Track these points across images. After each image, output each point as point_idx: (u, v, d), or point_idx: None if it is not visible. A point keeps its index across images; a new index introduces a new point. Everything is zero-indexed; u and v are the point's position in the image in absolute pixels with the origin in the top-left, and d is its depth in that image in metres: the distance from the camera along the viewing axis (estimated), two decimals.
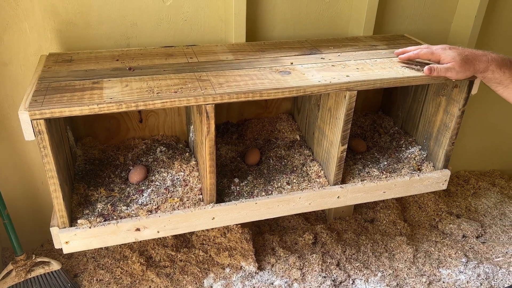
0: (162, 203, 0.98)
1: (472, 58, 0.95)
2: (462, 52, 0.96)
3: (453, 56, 0.95)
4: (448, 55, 0.96)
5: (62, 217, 0.88)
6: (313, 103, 1.14)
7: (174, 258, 1.31)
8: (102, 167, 1.10)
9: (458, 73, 0.95)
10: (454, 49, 0.97)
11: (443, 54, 0.97)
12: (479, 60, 0.95)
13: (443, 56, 0.97)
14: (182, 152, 1.15)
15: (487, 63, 0.95)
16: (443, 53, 0.97)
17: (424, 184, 1.15)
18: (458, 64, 0.94)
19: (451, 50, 0.97)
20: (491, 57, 0.96)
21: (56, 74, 0.92)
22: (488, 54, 0.97)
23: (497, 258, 1.42)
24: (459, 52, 0.96)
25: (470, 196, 1.71)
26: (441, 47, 0.99)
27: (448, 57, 0.96)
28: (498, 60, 0.96)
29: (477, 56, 0.96)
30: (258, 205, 1.02)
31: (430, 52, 0.99)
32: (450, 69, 0.95)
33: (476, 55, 0.96)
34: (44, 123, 0.77)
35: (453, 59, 0.95)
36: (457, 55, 0.95)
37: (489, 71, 0.96)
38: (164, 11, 1.13)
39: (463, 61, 0.95)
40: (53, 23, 1.06)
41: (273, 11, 1.22)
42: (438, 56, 0.98)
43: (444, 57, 0.97)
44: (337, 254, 1.39)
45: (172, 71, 0.95)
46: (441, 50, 0.98)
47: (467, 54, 0.96)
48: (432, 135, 1.17)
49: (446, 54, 0.97)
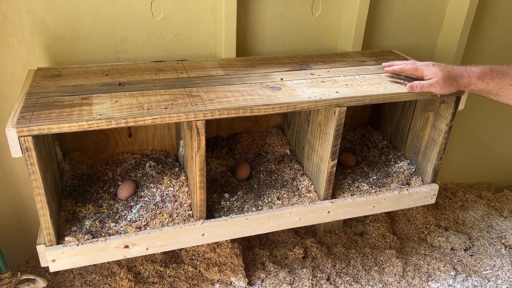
0: (151, 219, 0.97)
1: (454, 74, 0.99)
2: (444, 68, 0.99)
3: (435, 72, 0.99)
4: (430, 71, 0.99)
5: (49, 235, 0.87)
6: (303, 118, 1.15)
7: (163, 274, 1.29)
8: (91, 183, 1.08)
9: (442, 88, 0.98)
10: (437, 66, 1.00)
11: (426, 70, 1.00)
12: (461, 76, 0.98)
13: (426, 72, 1.00)
14: (172, 167, 1.14)
15: (468, 77, 0.98)
16: (426, 69, 1.00)
17: (413, 199, 1.16)
18: (441, 80, 0.97)
19: (434, 67, 1.00)
20: (471, 72, 0.99)
21: (45, 89, 0.91)
22: (469, 69, 1.00)
23: (485, 271, 1.43)
24: (442, 68, 0.99)
25: (458, 209, 1.73)
26: (425, 64, 1.02)
27: (430, 73, 0.99)
28: (478, 73, 0.98)
29: (459, 72, 0.99)
30: (248, 220, 1.01)
31: (414, 68, 1.02)
32: (433, 84, 0.97)
33: (458, 71, 0.99)
34: (31, 140, 0.76)
35: (435, 74, 0.98)
36: (439, 71, 0.98)
37: (472, 84, 0.99)
38: (154, 25, 1.13)
39: (445, 77, 0.97)
40: (42, 37, 1.06)
41: (263, 26, 1.23)
42: (421, 72, 1.01)
43: (427, 73, 1.00)
44: (327, 268, 1.38)
45: (162, 86, 0.95)
46: (424, 67, 1.01)
47: (449, 70, 0.99)
48: (421, 150, 1.18)
49: (429, 70, 0.99)
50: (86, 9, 1.06)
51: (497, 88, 0.98)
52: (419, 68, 1.01)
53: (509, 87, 0.98)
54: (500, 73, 0.98)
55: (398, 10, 1.34)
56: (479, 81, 0.98)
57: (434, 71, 0.99)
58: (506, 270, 1.42)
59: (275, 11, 1.22)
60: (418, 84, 0.98)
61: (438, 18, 1.41)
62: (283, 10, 1.22)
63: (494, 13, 1.45)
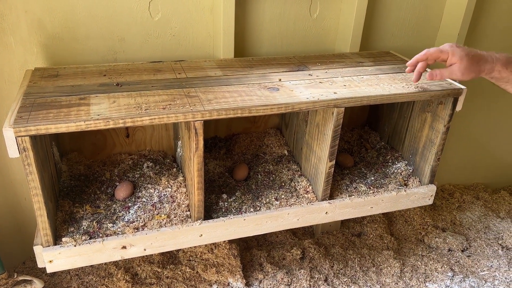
0: (149, 220, 0.97)
1: (478, 59, 0.94)
2: (469, 51, 0.94)
3: (461, 56, 0.93)
4: (457, 54, 0.93)
5: (46, 235, 0.86)
6: (301, 118, 1.15)
7: (161, 275, 1.29)
8: (88, 183, 1.08)
9: (464, 75, 0.93)
10: (462, 48, 0.95)
11: (451, 52, 0.94)
12: (485, 61, 0.94)
13: (451, 55, 0.94)
14: (170, 167, 1.14)
15: (493, 63, 0.94)
16: (452, 50, 0.94)
17: (410, 199, 1.16)
18: (465, 65, 0.92)
19: (459, 49, 0.94)
20: (495, 57, 0.94)
21: (42, 89, 0.90)
22: (493, 54, 0.95)
23: (482, 271, 1.43)
24: (467, 52, 0.94)
25: (455, 210, 1.73)
26: (450, 45, 0.96)
27: (456, 56, 0.93)
28: (502, 59, 0.94)
29: (483, 57, 0.94)
30: (246, 221, 1.01)
31: (439, 50, 0.96)
32: (454, 72, 0.93)
33: (482, 55, 0.94)
34: (29, 140, 0.76)
35: (461, 58, 0.93)
36: (465, 55, 0.93)
37: (495, 71, 0.95)
38: (152, 26, 1.13)
39: (470, 62, 0.93)
40: (40, 37, 1.05)
41: (261, 27, 1.23)
42: (446, 54, 0.95)
43: (452, 56, 0.94)
44: (325, 269, 1.38)
45: (160, 87, 0.95)
46: (450, 48, 0.95)
47: (474, 54, 0.94)
48: (418, 151, 1.18)
49: (456, 52, 0.93)
50: (84, 9, 1.06)
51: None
52: (444, 49, 0.95)
53: None
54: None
55: (396, 11, 1.35)
56: (503, 68, 0.94)
57: (460, 55, 0.92)
58: (503, 271, 1.43)
59: (273, 12, 1.22)
60: (438, 72, 0.93)
61: (435, 19, 1.41)
62: (281, 11, 1.23)
63: (491, 15, 1.45)
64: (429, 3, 1.37)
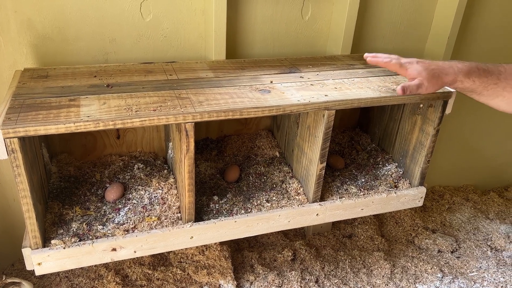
0: (139, 222, 0.96)
1: (439, 71, 0.94)
2: (428, 66, 0.94)
3: (419, 71, 0.93)
4: (415, 70, 0.94)
5: (35, 238, 0.86)
6: (292, 120, 1.15)
7: (151, 277, 1.28)
8: (78, 185, 1.07)
9: (427, 89, 0.93)
10: (421, 64, 0.95)
11: (410, 69, 0.95)
12: (446, 73, 0.94)
13: (410, 70, 0.94)
14: (160, 169, 1.14)
15: (454, 75, 0.94)
16: (410, 67, 0.95)
17: (400, 201, 1.17)
18: (426, 80, 0.92)
19: (418, 65, 0.95)
20: (457, 68, 0.94)
21: (31, 90, 0.90)
22: (455, 65, 0.95)
23: (471, 273, 1.45)
24: (426, 66, 0.94)
25: (445, 211, 1.74)
26: (409, 61, 0.96)
27: (414, 71, 0.94)
28: (464, 70, 0.94)
29: (444, 69, 0.94)
30: (237, 223, 1.01)
31: (398, 64, 0.96)
32: (420, 85, 0.93)
33: (443, 68, 0.94)
34: (18, 142, 0.75)
35: (420, 74, 0.93)
36: (423, 70, 0.93)
37: (458, 82, 0.95)
38: (143, 27, 1.13)
39: (430, 76, 0.93)
40: (29, 37, 1.04)
41: (253, 29, 1.23)
42: (405, 70, 0.96)
43: (411, 71, 0.94)
44: (316, 270, 1.39)
45: (151, 88, 0.95)
46: (408, 64, 0.95)
47: (433, 68, 0.94)
48: (408, 153, 1.19)
49: (413, 68, 0.94)
50: (74, 10, 1.05)
51: (481, 87, 0.95)
52: (403, 65, 0.96)
53: (493, 86, 0.95)
54: (486, 71, 0.94)
55: (387, 14, 1.36)
56: (466, 78, 0.94)
57: (418, 70, 0.93)
58: (492, 272, 1.44)
59: (265, 13, 1.22)
60: (407, 86, 0.93)
61: (426, 22, 1.42)
62: (273, 13, 1.23)
63: (481, 18, 1.47)
64: (419, 6, 1.39)
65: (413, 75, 0.94)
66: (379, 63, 0.98)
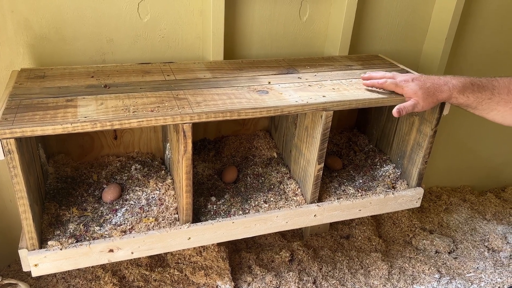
0: (136, 223, 0.96)
1: (434, 89, 0.97)
2: (423, 84, 0.97)
3: (415, 90, 0.97)
4: (410, 89, 0.97)
5: (32, 239, 0.85)
6: (290, 121, 1.15)
7: (148, 278, 1.28)
8: (75, 186, 1.07)
9: (423, 107, 0.98)
10: (417, 82, 0.98)
11: (406, 88, 0.98)
12: (441, 91, 0.97)
13: (406, 89, 0.98)
14: (158, 169, 1.14)
15: (449, 91, 0.97)
16: (406, 86, 0.98)
17: (398, 202, 1.17)
18: (421, 99, 0.96)
19: (413, 83, 0.98)
20: (452, 85, 0.97)
21: (28, 91, 0.89)
22: (449, 82, 0.98)
23: (469, 273, 1.45)
24: (421, 85, 0.97)
25: (442, 212, 1.75)
26: (405, 80, 1.00)
27: (410, 91, 0.97)
28: (459, 86, 0.97)
29: (439, 87, 0.97)
30: (235, 224, 1.01)
31: (394, 84, 1.00)
32: (415, 105, 0.97)
33: (438, 85, 0.98)
34: (14, 143, 0.75)
35: (415, 93, 0.97)
36: (419, 89, 0.97)
37: (452, 98, 0.98)
38: (141, 27, 1.12)
39: (425, 95, 0.97)
40: (26, 37, 1.04)
41: (250, 29, 1.23)
42: (401, 89, 0.99)
43: (407, 90, 0.98)
44: (314, 271, 1.39)
45: (148, 89, 0.94)
46: (404, 83, 0.99)
47: (428, 86, 0.97)
48: (406, 154, 1.19)
49: (409, 87, 0.98)
50: (71, 10, 1.05)
51: (476, 102, 0.98)
52: (399, 84, 0.99)
53: (488, 101, 0.98)
54: (480, 86, 0.98)
55: (385, 15, 1.36)
56: (460, 95, 0.97)
57: (413, 90, 0.97)
58: (489, 273, 1.45)
59: (263, 14, 1.22)
60: (403, 107, 0.96)
61: (423, 24, 1.43)
62: (271, 14, 1.23)
63: (478, 19, 1.47)
64: (417, 7, 1.39)
65: (409, 95, 0.98)
66: (375, 85, 1.02)
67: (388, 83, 1.00)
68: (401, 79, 1.00)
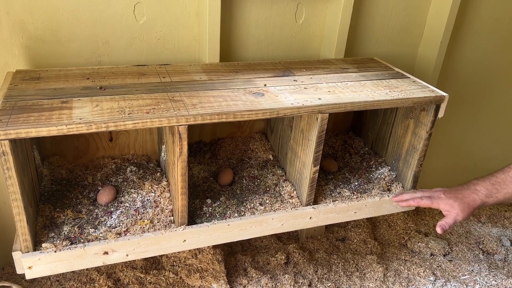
0: (131, 225, 0.95)
1: (468, 201, 1.04)
2: (456, 196, 1.05)
3: (451, 204, 1.04)
4: (447, 204, 1.05)
5: (26, 241, 0.85)
6: (286, 124, 1.15)
7: (143, 281, 1.27)
8: (70, 188, 1.06)
9: (463, 218, 1.04)
10: (448, 194, 1.05)
11: (441, 204, 1.06)
12: (473, 200, 1.04)
13: (442, 205, 1.05)
14: (153, 172, 1.13)
15: (480, 201, 1.04)
16: (440, 202, 1.06)
17: (393, 205, 1.17)
18: (460, 211, 1.04)
19: (446, 197, 1.05)
20: (479, 193, 1.05)
21: (23, 92, 0.89)
22: (476, 190, 1.05)
23: (464, 276, 1.46)
24: (455, 197, 1.04)
25: (438, 215, 1.75)
26: (437, 195, 1.07)
27: (447, 205, 1.05)
28: (485, 193, 1.05)
29: (470, 197, 1.05)
30: (230, 226, 1.01)
31: (430, 202, 1.07)
32: (456, 220, 1.03)
33: (469, 195, 1.05)
34: (8, 144, 0.74)
35: (452, 207, 1.04)
36: (454, 202, 1.04)
37: (484, 204, 1.05)
38: (137, 29, 1.12)
39: (462, 207, 1.04)
40: (21, 39, 1.04)
41: (247, 32, 1.23)
42: (437, 205, 1.06)
43: (443, 206, 1.05)
44: (309, 274, 1.39)
45: (144, 91, 0.94)
46: (437, 199, 1.06)
47: (460, 197, 1.05)
48: (401, 156, 1.20)
49: (445, 202, 1.05)
50: (67, 11, 1.05)
51: (503, 197, 1.04)
52: (434, 202, 1.06)
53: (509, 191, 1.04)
54: (501, 184, 1.04)
55: (380, 18, 1.37)
56: (488, 199, 1.05)
57: (450, 204, 1.04)
58: (483, 275, 1.45)
59: (259, 17, 1.22)
60: (444, 224, 1.04)
61: (419, 27, 1.44)
62: (267, 17, 1.23)
63: (473, 23, 1.48)
64: (412, 11, 1.40)
65: (447, 209, 1.05)
66: (411, 205, 1.10)
67: (423, 202, 1.08)
68: (433, 194, 1.08)
